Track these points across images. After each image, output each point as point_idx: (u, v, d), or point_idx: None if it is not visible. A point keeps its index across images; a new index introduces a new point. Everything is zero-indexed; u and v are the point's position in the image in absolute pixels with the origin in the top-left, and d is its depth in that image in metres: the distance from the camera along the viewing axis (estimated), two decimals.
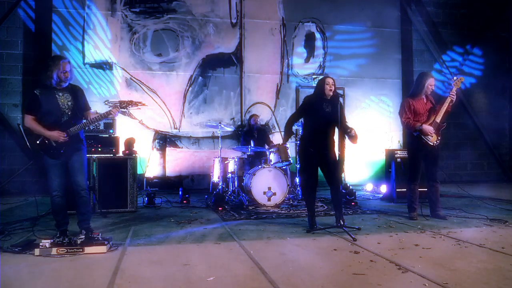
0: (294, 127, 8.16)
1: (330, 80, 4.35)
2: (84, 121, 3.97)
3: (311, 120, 4.41)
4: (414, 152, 4.98)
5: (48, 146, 3.82)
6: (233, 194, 6.43)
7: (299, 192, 6.89)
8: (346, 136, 4.28)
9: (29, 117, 3.84)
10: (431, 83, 4.86)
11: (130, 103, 4.08)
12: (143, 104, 4.24)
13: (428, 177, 5.01)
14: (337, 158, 4.32)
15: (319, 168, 4.42)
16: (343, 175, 4.48)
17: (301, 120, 4.64)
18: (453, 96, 4.83)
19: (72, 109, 3.89)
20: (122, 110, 4.04)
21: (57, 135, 3.79)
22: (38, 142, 3.84)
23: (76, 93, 3.98)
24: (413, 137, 4.93)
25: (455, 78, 4.99)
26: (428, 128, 4.78)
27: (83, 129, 4.03)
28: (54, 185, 3.86)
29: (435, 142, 4.84)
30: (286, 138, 4.74)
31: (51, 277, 2.84)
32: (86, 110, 4.05)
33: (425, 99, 4.95)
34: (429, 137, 4.81)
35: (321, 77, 4.50)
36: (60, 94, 3.87)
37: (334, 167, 4.30)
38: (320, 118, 4.29)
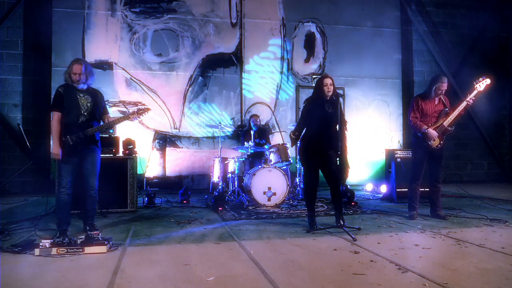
0: (291, 127, 8.20)
1: (328, 81, 4.26)
2: (101, 123, 4.11)
3: (313, 122, 4.34)
4: (418, 151, 4.96)
5: (64, 143, 3.92)
6: (233, 194, 6.43)
7: (299, 192, 6.90)
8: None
9: (56, 115, 3.94)
10: (439, 88, 4.74)
11: (147, 110, 4.23)
12: (144, 104, 4.40)
13: (431, 177, 4.99)
14: (338, 158, 4.31)
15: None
16: (346, 175, 4.41)
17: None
18: (470, 101, 4.68)
19: (90, 111, 4.03)
20: (139, 116, 4.20)
21: (56, 152, 3.86)
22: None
23: (96, 96, 4.14)
24: (417, 136, 4.91)
25: (480, 79, 4.73)
26: (432, 133, 4.74)
27: (98, 132, 4.17)
28: (64, 182, 3.96)
29: (436, 147, 4.82)
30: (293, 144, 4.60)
31: (51, 277, 2.84)
32: (105, 114, 4.20)
33: (436, 101, 4.86)
34: (432, 141, 4.78)
35: (320, 77, 4.43)
36: (81, 94, 4.03)
37: (335, 167, 4.29)
38: (322, 119, 4.24)
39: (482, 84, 4.74)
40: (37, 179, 8.07)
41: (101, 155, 5.52)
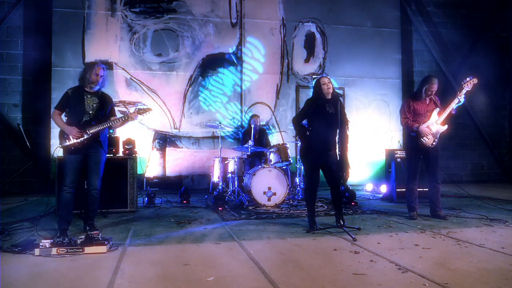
0: (291, 127, 8.20)
1: (325, 80, 4.31)
2: (105, 124, 4.17)
3: (315, 122, 4.36)
4: (412, 152, 4.98)
5: (67, 140, 4.07)
6: (233, 194, 6.42)
7: (299, 192, 6.90)
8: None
9: (55, 111, 4.19)
10: (429, 89, 4.80)
11: (148, 110, 4.42)
12: (144, 104, 4.53)
13: (429, 178, 4.99)
14: (338, 158, 4.32)
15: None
16: (346, 175, 4.44)
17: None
18: (460, 98, 4.77)
19: (95, 111, 4.17)
20: (140, 115, 4.38)
21: (70, 130, 4.03)
22: (59, 134, 4.13)
23: (104, 99, 4.29)
24: (410, 137, 4.93)
25: (467, 79, 4.86)
26: (424, 130, 4.77)
27: (106, 133, 4.34)
28: (67, 180, 4.05)
29: (431, 145, 4.83)
30: (301, 134, 4.47)
31: (51, 277, 2.84)
32: (111, 116, 4.31)
33: (427, 101, 4.91)
34: (425, 139, 4.79)
35: (317, 78, 4.46)
36: (89, 96, 4.19)
37: (336, 167, 4.29)
38: (324, 120, 4.25)
39: (470, 84, 4.85)
40: (37, 179, 8.08)
41: None
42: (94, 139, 4.14)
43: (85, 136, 4.07)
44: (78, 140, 4.04)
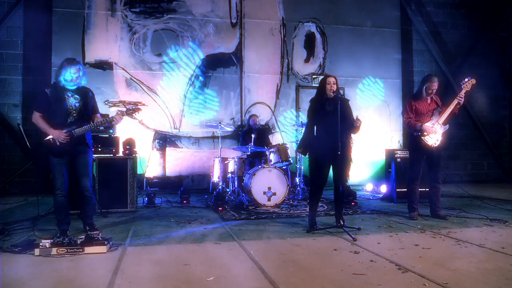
0: (294, 128, 8.21)
1: (331, 80, 4.33)
2: (90, 126, 4.01)
3: (317, 121, 4.38)
4: (414, 152, 4.99)
5: (52, 144, 3.92)
6: (233, 194, 6.43)
7: (299, 192, 6.90)
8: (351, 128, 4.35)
9: (36, 114, 3.94)
10: (430, 87, 4.83)
11: (137, 110, 4.09)
12: (144, 104, 4.32)
13: (430, 178, 5.00)
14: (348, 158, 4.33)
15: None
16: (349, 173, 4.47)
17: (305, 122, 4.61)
18: (460, 99, 4.81)
19: (79, 111, 4.00)
20: (128, 116, 4.11)
21: (58, 134, 3.88)
22: (45, 139, 3.94)
23: (86, 95, 4.08)
24: (413, 137, 4.94)
25: (466, 80, 4.91)
26: (428, 128, 4.79)
27: (90, 132, 4.13)
28: (58, 183, 3.95)
29: (434, 144, 4.83)
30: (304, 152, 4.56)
31: (51, 277, 2.84)
32: (94, 113, 4.14)
33: (429, 100, 4.93)
34: (428, 137, 4.80)
35: (321, 77, 4.48)
36: (69, 94, 3.99)
37: (344, 166, 4.28)
38: (324, 118, 4.27)
39: (468, 84, 4.91)
40: (37, 179, 8.07)
41: (101, 155, 5.61)
42: (80, 141, 4.00)
43: (68, 138, 3.89)
44: (64, 142, 3.88)
